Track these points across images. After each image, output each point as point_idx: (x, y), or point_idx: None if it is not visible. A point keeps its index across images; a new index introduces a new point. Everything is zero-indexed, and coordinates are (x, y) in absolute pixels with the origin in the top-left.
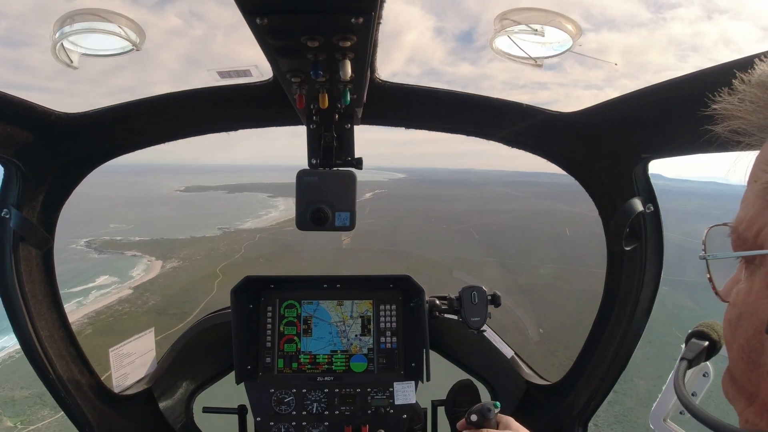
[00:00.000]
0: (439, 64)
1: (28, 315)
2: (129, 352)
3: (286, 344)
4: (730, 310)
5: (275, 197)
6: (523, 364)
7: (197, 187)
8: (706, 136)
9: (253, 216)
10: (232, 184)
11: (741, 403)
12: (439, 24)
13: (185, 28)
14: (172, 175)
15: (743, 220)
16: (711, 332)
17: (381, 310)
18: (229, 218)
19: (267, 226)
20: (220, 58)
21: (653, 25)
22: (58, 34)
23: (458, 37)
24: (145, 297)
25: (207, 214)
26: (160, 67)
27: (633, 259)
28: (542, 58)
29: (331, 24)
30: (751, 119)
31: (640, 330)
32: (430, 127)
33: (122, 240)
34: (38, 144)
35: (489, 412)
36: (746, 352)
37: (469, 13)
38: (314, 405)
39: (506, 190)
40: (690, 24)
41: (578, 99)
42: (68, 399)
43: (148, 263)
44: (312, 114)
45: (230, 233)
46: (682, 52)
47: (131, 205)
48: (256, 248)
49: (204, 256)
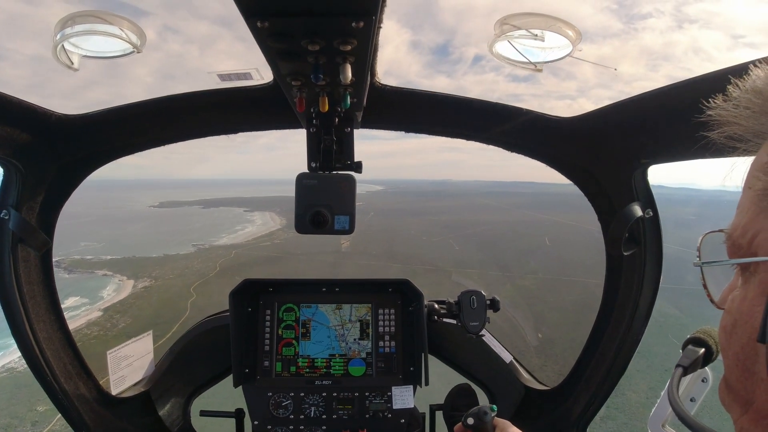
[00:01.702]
0: (415, 77)
1: (26, 316)
2: (127, 355)
3: (284, 348)
4: (725, 317)
5: (252, 212)
6: (522, 369)
7: (172, 203)
8: (703, 141)
9: (229, 231)
10: (207, 199)
11: (736, 411)
12: (415, 38)
13: (159, 43)
14: (146, 190)
15: (738, 227)
16: (708, 339)
17: (380, 314)
18: (204, 234)
19: (243, 241)
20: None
21: (625, 36)
22: (59, 35)
23: (434, 50)
24: (115, 319)
25: (181, 230)
26: (135, 80)
27: (632, 264)
28: (542, 63)
29: (331, 27)
30: (746, 125)
31: (639, 335)
32: (431, 131)
33: (93, 259)
34: (38, 145)
35: (486, 416)
36: (741, 360)
37: (445, 26)
38: (312, 409)
39: (485, 201)
40: (661, 34)
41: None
42: (65, 401)
43: (119, 283)
44: (312, 117)
45: (205, 250)
46: (654, 61)
47: (103, 222)
48: (232, 265)
49: (177, 275)
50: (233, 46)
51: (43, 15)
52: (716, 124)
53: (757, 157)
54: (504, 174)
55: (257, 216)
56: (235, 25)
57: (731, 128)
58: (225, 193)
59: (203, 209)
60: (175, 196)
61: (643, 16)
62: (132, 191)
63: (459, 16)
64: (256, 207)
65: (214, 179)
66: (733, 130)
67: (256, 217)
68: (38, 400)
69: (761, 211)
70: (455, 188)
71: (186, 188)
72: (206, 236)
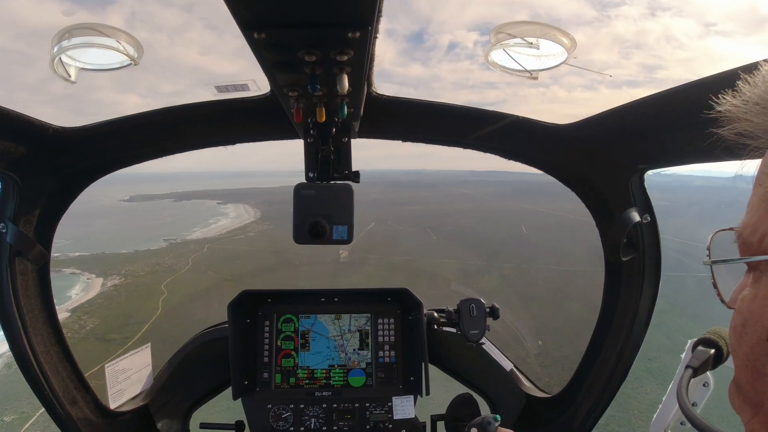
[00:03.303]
0: (389, 65)
1: (23, 330)
2: (125, 368)
3: (283, 359)
4: (736, 317)
5: (225, 204)
6: (523, 376)
7: (142, 197)
8: (707, 141)
9: (202, 225)
10: (179, 192)
11: (746, 413)
12: (389, 26)
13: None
14: (115, 184)
15: (748, 225)
16: (718, 340)
17: (379, 324)
18: (176, 228)
19: (216, 235)
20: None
21: (598, 23)
22: (56, 48)
23: (409, 38)
24: (83, 320)
25: (153, 225)
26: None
27: (631, 270)
28: (537, 71)
29: (328, 38)
30: (756, 121)
31: (640, 341)
32: (428, 140)
33: (59, 256)
34: (35, 158)
35: (489, 426)
36: (751, 361)
37: (419, 14)
38: (312, 420)
39: (461, 190)
40: (634, 21)
41: (525, 98)
42: (64, 415)
43: (88, 281)
44: (309, 128)
45: (177, 245)
46: (626, 49)
47: (71, 217)
48: (205, 260)
49: (148, 272)
50: (230, 56)
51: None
52: (725, 121)
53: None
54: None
55: (231, 208)
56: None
57: (741, 125)
58: (197, 186)
59: (175, 202)
60: (147, 189)
61: (617, 4)
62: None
63: (433, 3)
64: (229, 199)
65: (186, 172)
66: (743, 126)
67: (230, 210)
68: (5, 410)
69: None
70: (430, 178)
71: (158, 181)
72: (178, 230)
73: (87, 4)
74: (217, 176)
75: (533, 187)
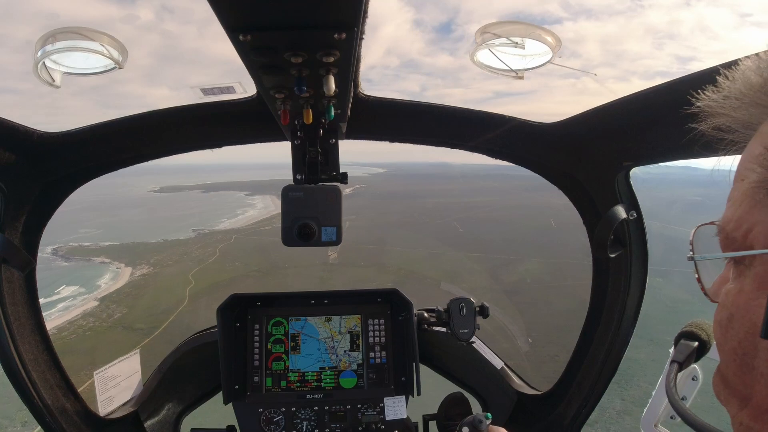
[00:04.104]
0: (417, 55)
1: (11, 338)
2: (114, 375)
3: (274, 362)
4: (720, 311)
5: (252, 195)
6: (513, 374)
7: (172, 188)
8: (687, 138)
9: (230, 215)
10: (208, 183)
11: (734, 406)
12: (417, 16)
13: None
14: (146, 175)
15: (731, 220)
16: (700, 332)
17: (369, 325)
18: (204, 219)
19: (244, 226)
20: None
21: (631, 13)
22: (40, 52)
23: (437, 28)
24: (111, 309)
25: (182, 215)
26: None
27: (618, 266)
28: (523, 70)
29: (314, 40)
30: (735, 116)
31: (628, 336)
32: (415, 140)
33: (91, 246)
34: (20, 164)
35: (481, 424)
36: (739, 355)
37: (447, 4)
38: (304, 423)
39: (488, 183)
40: (667, 11)
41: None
42: (53, 424)
43: (117, 270)
44: (296, 130)
45: (205, 235)
46: (659, 40)
47: (102, 208)
48: (231, 251)
49: (176, 261)
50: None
51: None
52: (704, 116)
53: (750, 148)
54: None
55: (258, 199)
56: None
57: (720, 120)
58: (225, 177)
59: (203, 193)
60: (176, 180)
61: None
62: (131, 176)
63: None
64: (256, 190)
65: (215, 163)
66: (722, 121)
67: (257, 201)
68: (20, 410)
69: (756, 204)
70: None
71: (187, 173)
72: (206, 221)
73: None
74: (245, 167)
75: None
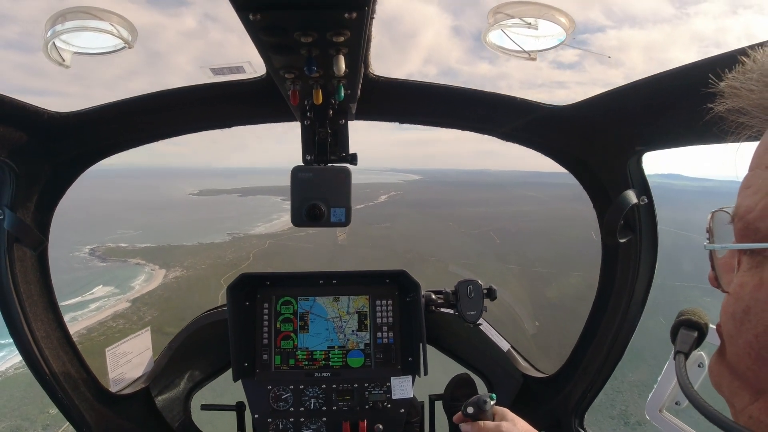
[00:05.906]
0: (456, 64)
1: (23, 316)
2: (125, 351)
3: (282, 341)
4: (734, 303)
5: (287, 200)
6: (520, 356)
7: (211, 191)
8: (702, 122)
9: (265, 220)
10: (245, 187)
11: (743, 399)
12: (456, 23)
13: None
14: (185, 178)
15: (752, 209)
16: (699, 321)
17: (377, 306)
18: (239, 223)
19: (278, 231)
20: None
21: (676, 21)
22: (49, 32)
23: (476, 35)
24: (142, 311)
25: (218, 218)
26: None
27: (628, 252)
28: (536, 51)
29: (324, 19)
30: (753, 97)
31: (635, 322)
32: (425, 121)
33: (127, 247)
34: (31, 144)
35: (485, 404)
36: (755, 349)
37: (486, 11)
38: (312, 401)
39: (526, 192)
40: (714, 19)
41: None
42: (65, 399)
43: (151, 272)
44: (306, 110)
45: (239, 239)
46: (705, 48)
47: (141, 209)
48: (265, 256)
49: (209, 265)
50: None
51: None
52: (724, 98)
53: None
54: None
55: None
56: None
57: (740, 102)
58: (263, 182)
59: (241, 197)
60: (215, 184)
61: (696, 1)
62: (171, 179)
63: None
64: None
65: (253, 168)
66: (742, 103)
67: None
68: (51, 403)
69: None
70: (493, 178)
71: (226, 176)
72: (241, 225)
73: None
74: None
75: None
